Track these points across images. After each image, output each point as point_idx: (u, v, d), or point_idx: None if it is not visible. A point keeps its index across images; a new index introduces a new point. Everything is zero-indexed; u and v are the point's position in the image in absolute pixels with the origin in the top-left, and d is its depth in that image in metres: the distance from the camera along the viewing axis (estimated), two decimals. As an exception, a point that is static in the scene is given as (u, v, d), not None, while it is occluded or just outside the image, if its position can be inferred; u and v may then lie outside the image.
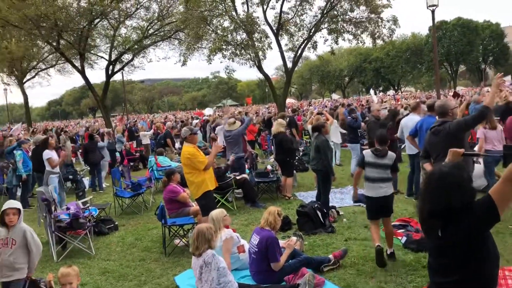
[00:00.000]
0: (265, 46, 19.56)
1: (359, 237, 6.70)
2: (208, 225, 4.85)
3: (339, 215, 7.98)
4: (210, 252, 4.56)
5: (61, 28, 22.56)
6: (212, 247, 4.60)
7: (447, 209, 2.46)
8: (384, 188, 5.58)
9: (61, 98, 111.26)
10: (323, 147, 7.81)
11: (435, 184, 2.55)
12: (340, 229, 7.19)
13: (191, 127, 7.72)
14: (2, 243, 4.46)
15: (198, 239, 4.57)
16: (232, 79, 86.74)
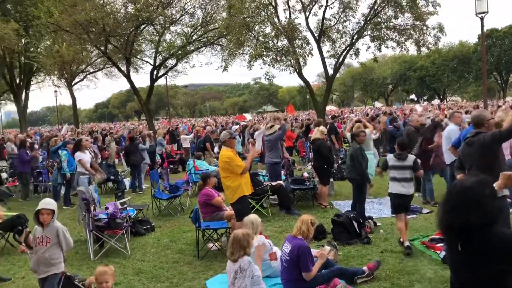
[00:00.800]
0: (306, 53, 19.49)
1: (396, 250, 6.51)
2: (245, 231, 4.84)
3: (376, 226, 7.78)
4: (247, 259, 4.55)
5: (108, 33, 23.34)
6: (247, 253, 4.60)
7: (465, 225, 2.32)
8: (406, 188, 6.47)
9: (108, 101, 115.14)
10: (356, 156, 7.67)
11: (454, 197, 2.43)
12: (376, 241, 7.01)
13: (230, 131, 7.77)
14: (38, 241, 4.63)
15: (234, 245, 4.58)
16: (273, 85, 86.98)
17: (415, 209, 8.72)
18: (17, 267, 6.74)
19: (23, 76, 37.51)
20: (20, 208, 10.84)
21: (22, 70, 36.97)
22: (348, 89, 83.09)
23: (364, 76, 73.11)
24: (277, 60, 19.14)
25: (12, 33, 20.44)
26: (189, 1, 24.69)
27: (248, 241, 4.65)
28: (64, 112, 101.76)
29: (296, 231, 5.29)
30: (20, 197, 12.38)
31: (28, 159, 12.22)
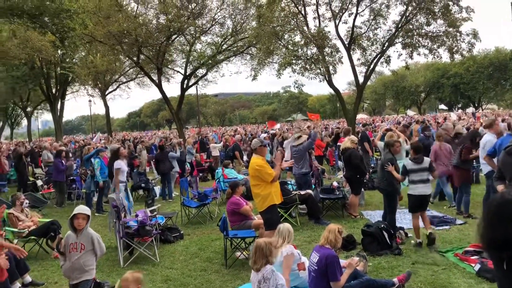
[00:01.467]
0: (335, 61, 19.36)
1: (428, 261, 6.31)
2: (267, 240, 4.80)
3: (407, 237, 7.59)
4: (270, 267, 4.50)
5: (141, 44, 23.89)
6: (270, 262, 4.54)
7: (508, 241, 2.15)
8: (424, 188, 6.99)
9: (140, 110, 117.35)
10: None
11: (494, 211, 2.26)
12: (407, 252, 6.83)
13: (261, 139, 7.76)
14: (72, 247, 4.70)
15: (256, 254, 4.54)
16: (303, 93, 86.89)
17: (448, 220, 8.47)
18: (50, 272, 6.89)
19: (59, 86, 38.75)
20: (54, 214, 11.14)
21: (58, 80, 38.20)
22: (379, 97, 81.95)
23: (396, 84, 71.94)
24: (306, 69, 19.07)
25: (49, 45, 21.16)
26: (219, 11, 25.05)
27: (270, 250, 4.60)
28: (98, 121, 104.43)
29: (324, 241, 5.20)
30: (55, 204, 12.70)
31: (63, 169, 12.54)
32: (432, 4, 18.62)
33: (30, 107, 49.06)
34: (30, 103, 47.52)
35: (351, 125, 19.94)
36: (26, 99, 45.80)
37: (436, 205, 10.00)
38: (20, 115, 54.64)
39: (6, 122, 57.06)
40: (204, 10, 24.74)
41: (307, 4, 20.12)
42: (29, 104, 47.71)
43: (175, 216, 9.75)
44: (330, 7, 20.02)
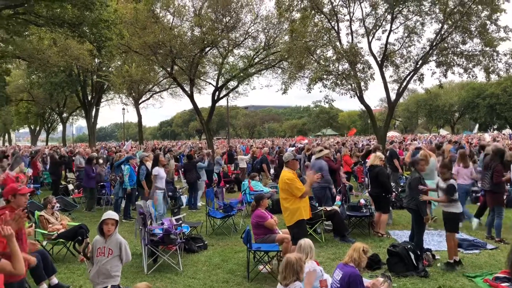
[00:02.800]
0: (367, 77, 19.18)
1: (456, 285, 6.12)
2: (298, 255, 4.76)
3: (434, 259, 7.39)
4: (298, 284, 4.47)
5: (175, 55, 24.37)
6: (300, 279, 4.51)
7: None
8: (448, 207, 7.03)
9: (172, 120, 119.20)
10: (414, 185, 7.35)
11: None
12: (434, 275, 6.65)
13: (294, 153, 7.75)
14: (99, 252, 4.77)
15: (287, 270, 4.50)
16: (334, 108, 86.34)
17: (478, 244, 8.21)
18: (76, 276, 7.02)
19: (94, 94, 39.90)
20: (83, 219, 11.39)
21: (94, 88, 39.34)
22: (411, 115, 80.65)
23: (429, 103, 70.70)
24: (337, 84, 18.96)
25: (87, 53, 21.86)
26: (253, 25, 25.29)
27: (301, 266, 4.57)
28: (130, 129, 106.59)
29: (348, 259, 5.13)
30: (85, 209, 12.99)
31: (94, 175, 12.83)
32: (468, 23, 18.27)
33: (66, 113, 50.61)
34: (66, 109, 49.07)
35: (382, 142, 19.66)
36: (62, 105, 47.29)
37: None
38: (56, 120, 56.43)
39: (42, 126, 59.03)
40: (238, 24, 25.06)
41: (341, 20, 20.10)
42: (65, 110, 49.24)
43: (200, 226, 9.80)
44: (363, 24, 19.92)
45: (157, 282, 6.55)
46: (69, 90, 38.06)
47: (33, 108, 49.15)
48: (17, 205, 4.12)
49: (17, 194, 4.10)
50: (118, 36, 14.76)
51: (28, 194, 4.35)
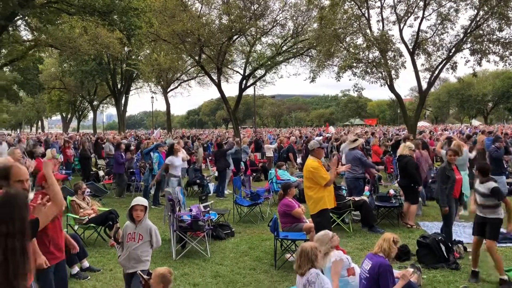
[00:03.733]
0: (398, 65, 18.77)
1: (488, 279, 5.97)
2: (313, 244, 4.72)
3: (466, 251, 7.20)
4: (314, 271, 4.43)
5: (203, 43, 24.46)
6: (315, 267, 4.47)
7: None
8: (483, 213, 6.08)
9: (199, 108, 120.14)
10: (439, 175, 7.16)
11: None
12: (466, 267, 6.48)
13: (320, 141, 7.66)
14: (129, 237, 4.84)
15: (301, 258, 4.48)
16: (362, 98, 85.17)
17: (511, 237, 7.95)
18: (106, 260, 7.17)
19: (124, 82, 40.54)
20: (113, 204, 11.61)
21: (123, 76, 39.96)
22: (443, 105, 78.70)
23: (461, 92, 68.72)
24: (367, 72, 18.65)
25: (116, 42, 22.16)
26: (281, 12, 25.12)
27: (316, 255, 4.51)
28: (158, 117, 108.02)
29: (378, 249, 5.04)
30: (115, 194, 13.24)
31: (123, 161, 13.05)
32: (506, 8, 17.59)
33: (96, 101, 51.68)
34: (96, 97, 50.09)
35: (412, 132, 19.28)
36: (93, 93, 48.26)
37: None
38: (87, 108, 57.70)
39: (74, 114, 60.45)
40: (266, 12, 24.93)
41: (371, 6, 19.72)
42: (95, 98, 50.27)
43: (227, 213, 9.85)
44: (395, 10, 19.47)
45: (185, 268, 6.62)
46: (100, 78, 38.80)
47: (64, 96, 50.35)
48: (51, 191, 4.21)
49: (50, 180, 4.17)
50: (148, 25, 14.86)
51: (60, 181, 4.42)
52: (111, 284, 6.06)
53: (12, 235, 2.93)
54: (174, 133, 36.54)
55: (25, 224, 3.06)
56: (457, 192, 7.70)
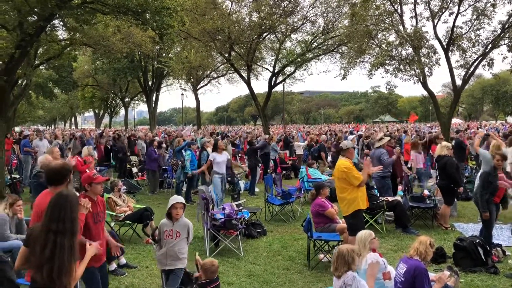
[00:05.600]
0: (432, 62, 18.32)
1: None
2: (350, 246, 4.70)
3: (505, 255, 7.03)
4: (351, 274, 4.42)
5: (233, 41, 24.54)
6: (352, 270, 4.46)
7: None
8: None
9: (228, 105, 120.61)
10: (482, 180, 6.97)
11: None
12: (505, 271, 6.33)
13: (353, 143, 7.60)
14: (167, 234, 4.93)
15: (338, 261, 4.48)
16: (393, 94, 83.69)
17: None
18: (142, 256, 7.33)
19: (155, 79, 41.07)
20: (147, 201, 11.84)
21: (154, 74, 40.50)
22: (476, 102, 76.45)
23: (496, 88, 66.59)
24: (400, 70, 18.28)
25: (149, 40, 22.46)
26: (311, 9, 24.92)
27: (353, 257, 4.50)
28: (188, 114, 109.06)
29: (413, 252, 4.98)
30: (148, 191, 13.48)
31: (156, 157, 13.27)
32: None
33: (128, 98, 52.55)
34: (128, 94, 50.94)
35: (445, 130, 18.83)
36: (125, 90, 49.14)
37: None
38: (119, 105, 58.80)
39: (106, 110, 61.74)
40: (296, 8, 24.79)
41: (404, 2, 19.26)
42: (127, 95, 51.15)
43: (259, 212, 9.90)
44: (428, 6, 18.97)
45: (219, 266, 6.68)
46: (131, 75, 39.43)
47: (97, 93, 51.46)
48: (93, 193, 4.34)
49: (93, 183, 4.31)
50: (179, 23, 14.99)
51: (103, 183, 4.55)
52: (148, 281, 6.20)
53: (62, 233, 3.05)
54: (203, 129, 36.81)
55: (75, 223, 3.18)
56: (498, 198, 7.49)
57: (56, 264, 2.99)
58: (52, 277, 2.99)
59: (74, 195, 3.34)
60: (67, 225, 3.09)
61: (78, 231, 3.23)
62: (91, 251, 3.66)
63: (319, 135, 22.44)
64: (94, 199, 4.35)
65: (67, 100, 59.33)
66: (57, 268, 2.99)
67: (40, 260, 3.03)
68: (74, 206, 3.21)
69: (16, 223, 6.36)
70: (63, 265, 3.02)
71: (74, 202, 3.25)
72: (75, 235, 3.16)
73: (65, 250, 3.03)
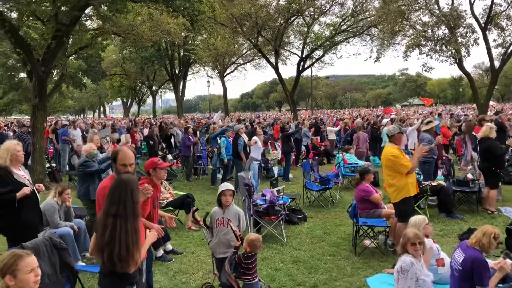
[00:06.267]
0: (470, 42, 17.72)
1: None
2: (415, 231, 4.60)
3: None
4: (409, 259, 4.31)
5: (260, 26, 24.31)
6: (408, 252, 4.38)
7: None
8: None
9: (252, 91, 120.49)
10: None
11: None
12: (563, 258, 6.07)
13: (399, 126, 7.37)
14: (218, 222, 4.92)
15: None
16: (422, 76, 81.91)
17: None
18: (186, 242, 7.37)
19: (181, 67, 41.26)
20: (183, 188, 11.92)
21: (181, 62, 40.68)
22: (510, 83, 74.05)
23: (531, 68, 64.29)
24: (436, 50, 17.74)
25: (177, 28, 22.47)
26: (340, -9, 24.43)
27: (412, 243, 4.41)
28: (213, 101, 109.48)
29: (475, 242, 4.78)
30: (184, 178, 13.58)
31: (191, 144, 13.35)
32: None
33: (155, 86, 53.03)
34: (155, 82, 51.39)
35: (483, 111, 18.27)
36: (152, 79, 49.57)
37: None
38: (146, 93, 59.44)
39: (134, 99, 62.50)
40: (324, -10, 24.35)
41: (439, -20, 18.67)
42: (154, 83, 51.61)
43: (298, 198, 9.83)
44: (465, -17, 18.33)
45: (264, 252, 6.67)
46: (158, 64, 39.70)
47: (125, 82, 52.05)
48: (157, 178, 4.37)
49: (157, 168, 4.34)
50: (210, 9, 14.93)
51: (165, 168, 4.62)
52: (195, 267, 6.23)
53: (122, 217, 3.05)
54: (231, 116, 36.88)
55: (136, 207, 3.17)
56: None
57: (116, 247, 3.00)
58: (113, 260, 3.01)
59: (134, 179, 3.33)
60: (128, 208, 3.09)
61: (139, 215, 3.22)
62: (152, 236, 3.67)
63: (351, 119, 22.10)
64: (156, 184, 4.38)
65: (96, 89, 60.25)
66: (117, 251, 3.00)
67: (102, 243, 3.06)
68: (134, 190, 3.20)
69: (65, 211, 6.48)
70: (123, 248, 3.02)
71: (135, 186, 3.24)
72: (136, 218, 3.15)
73: (125, 234, 3.04)
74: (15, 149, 4.99)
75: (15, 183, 4.87)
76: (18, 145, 5.11)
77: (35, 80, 12.40)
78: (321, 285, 5.44)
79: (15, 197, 4.81)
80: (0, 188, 4.78)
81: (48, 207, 6.16)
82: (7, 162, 4.90)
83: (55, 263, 4.11)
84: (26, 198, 4.96)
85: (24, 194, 4.89)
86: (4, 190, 4.79)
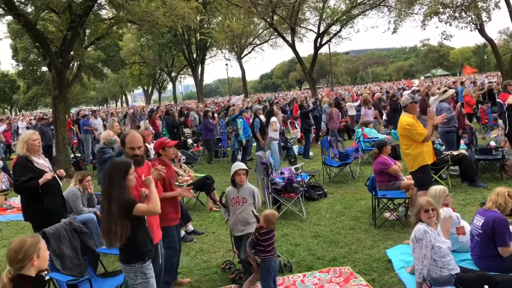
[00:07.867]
0: (490, 6, 17.09)
1: None
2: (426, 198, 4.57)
3: None
4: (422, 228, 4.30)
5: (275, 4, 23.99)
6: (422, 220, 4.37)
7: None
8: None
9: (272, 72, 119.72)
10: None
11: None
12: None
13: (412, 95, 7.26)
14: (234, 201, 4.98)
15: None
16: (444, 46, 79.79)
17: None
18: (207, 223, 7.49)
19: (199, 52, 41.27)
20: (204, 171, 12.04)
21: (198, 46, 40.68)
22: (537, 46, 71.44)
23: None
24: (455, 17, 17.19)
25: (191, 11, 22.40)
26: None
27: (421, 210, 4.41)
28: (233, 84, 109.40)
29: (492, 204, 4.77)
30: (206, 161, 13.73)
31: (212, 127, 13.47)
32: None
33: (174, 72, 53.29)
34: (174, 68, 51.62)
35: (508, 78, 17.73)
36: (171, 65, 49.81)
37: None
38: (166, 80, 59.84)
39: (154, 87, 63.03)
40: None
41: None
42: (173, 69, 51.86)
43: (318, 174, 9.83)
44: None
45: (284, 229, 6.73)
46: (176, 49, 39.80)
47: (144, 70, 52.54)
48: (167, 157, 4.49)
49: (166, 147, 4.43)
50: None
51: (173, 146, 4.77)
52: (217, 246, 6.33)
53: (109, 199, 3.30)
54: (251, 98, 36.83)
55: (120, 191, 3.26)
56: None
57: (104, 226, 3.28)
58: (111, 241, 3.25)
59: (121, 164, 3.42)
60: (113, 192, 3.26)
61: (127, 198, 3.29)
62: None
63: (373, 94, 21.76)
64: (167, 163, 4.49)
65: (117, 79, 60.98)
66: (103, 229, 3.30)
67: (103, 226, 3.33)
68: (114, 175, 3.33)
69: (87, 197, 6.65)
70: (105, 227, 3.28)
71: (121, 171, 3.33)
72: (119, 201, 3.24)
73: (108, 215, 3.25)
74: (30, 138, 5.11)
75: (35, 171, 5.02)
76: (35, 134, 5.24)
77: (54, 72, 12.64)
78: (341, 258, 5.47)
79: (38, 183, 4.96)
80: (22, 176, 4.94)
81: (71, 194, 6.34)
82: (24, 151, 5.04)
83: (76, 246, 4.26)
84: (49, 186, 5.11)
85: (46, 179, 5.03)
86: (25, 178, 4.94)
